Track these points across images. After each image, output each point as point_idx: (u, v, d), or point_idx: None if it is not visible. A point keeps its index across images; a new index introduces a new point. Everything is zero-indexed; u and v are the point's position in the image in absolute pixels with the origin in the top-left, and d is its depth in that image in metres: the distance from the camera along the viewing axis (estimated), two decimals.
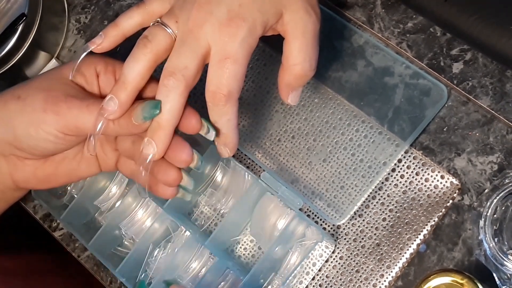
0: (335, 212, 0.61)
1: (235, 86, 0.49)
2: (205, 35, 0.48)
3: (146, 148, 0.49)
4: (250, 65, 0.67)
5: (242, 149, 0.64)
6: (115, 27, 0.52)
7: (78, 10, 0.76)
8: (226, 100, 0.48)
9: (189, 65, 0.48)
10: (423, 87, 0.60)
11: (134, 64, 0.49)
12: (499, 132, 0.58)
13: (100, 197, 0.69)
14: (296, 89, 0.53)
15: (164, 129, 0.49)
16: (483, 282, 0.49)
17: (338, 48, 0.64)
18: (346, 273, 0.60)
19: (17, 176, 0.55)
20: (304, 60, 0.51)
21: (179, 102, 0.49)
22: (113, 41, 0.52)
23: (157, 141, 0.49)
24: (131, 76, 0.49)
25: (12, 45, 0.70)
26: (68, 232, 0.70)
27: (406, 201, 0.59)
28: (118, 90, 0.49)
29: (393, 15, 0.63)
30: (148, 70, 0.49)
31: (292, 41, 0.51)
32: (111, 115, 0.49)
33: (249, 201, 0.62)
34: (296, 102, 0.54)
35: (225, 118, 0.50)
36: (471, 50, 0.60)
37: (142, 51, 0.49)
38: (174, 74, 0.48)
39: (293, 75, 0.52)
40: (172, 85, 0.48)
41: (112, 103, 0.49)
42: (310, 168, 0.63)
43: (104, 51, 0.52)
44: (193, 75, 0.49)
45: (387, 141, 0.61)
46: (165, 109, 0.48)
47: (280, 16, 0.50)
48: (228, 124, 0.50)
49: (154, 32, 0.50)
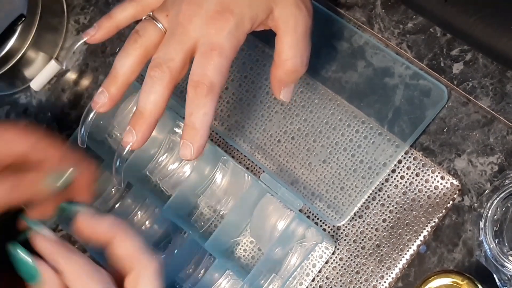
0: (335, 213, 0.61)
1: (218, 79, 0.48)
2: (194, 28, 0.48)
3: (126, 136, 0.50)
4: (250, 66, 0.67)
5: (242, 150, 0.64)
6: (109, 19, 0.53)
7: (77, 11, 0.76)
8: (208, 91, 0.48)
9: (175, 57, 0.49)
10: (423, 88, 0.60)
11: (125, 58, 0.50)
12: (499, 133, 0.58)
13: (99, 198, 0.69)
14: (288, 85, 0.53)
15: (146, 119, 0.49)
16: (484, 283, 0.49)
17: (338, 49, 0.64)
18: (346, 274, 0.60)
19: None
20: (295, 55, 0.51)
21: (164, 94, 0.49)
22: (106, 32, 0.53)
23: (137, 130, 0.49)
24: (122, 70, 0.50)
25: (11, 46, 0.70)
26: (67, 234, 0.70)
27: (406, 202, 0.59)
28: (109, 84, 0.51)
29: (393, 16, 0.62)
30: (138, 64, 0.50)
31: (283, 37, 0.51)
32: (101, 107, 0.51)
33: (249, 202, 0.62)
34: (289, 98, 0.54)
35: (202, 111, 0.48)
36: (471, 51, 0.60)
37: (132, 46, 0.50)
38: (160, 65, 0.48)
39: (285, 70, 0.52)
40: (158, 76, 0.48)
41: (102, 96, 0.51)
42: (310, 169, 0.63)
43: (97, 42, 0.53)
44: (179, 68, 0.49)
45: (387, 142, 0.61)
46: (149, 100, 0.49)
47: (271, 11, 0.50)
48: (204, 118, 0.48)
49: (144, 27, 0.51)
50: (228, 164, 0.65)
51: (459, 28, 0.58)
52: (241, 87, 0.67)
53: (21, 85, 0.75)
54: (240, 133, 0.65)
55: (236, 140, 0.65)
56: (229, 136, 0.65)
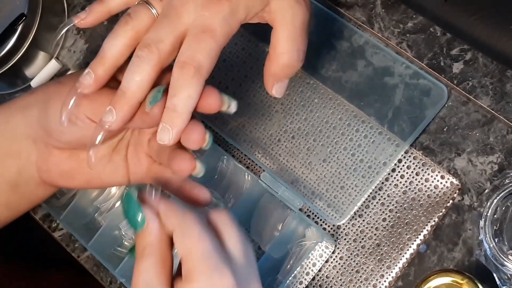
0: (335, 212, 0.61)
1: (207, 62, 0.47)
2: (188, 12, 0.47)
3: (106, 116, 0.48)
4: (250, 65, 0.67)
5: (242, 149, 0.64)
6: (101, 3, 0.51)
7: (78, 10, 0.76)
8: (194, 72, 0.46)
9: (165, 39, 0.47)
10: (423, 87, 0.60)
11: (114, 40, 0.49)
12: (499, 132, 0.58)
13: (100, 197, 0.69)
14: (281, 80, 0.52)
15: (127, 99, 0.47)
16: (483, 282, 0.49)
17: (338, 48, 0.64)
18: (346, 274, 0.60)
19: (42, 166, 0.55)
20: (292, 49, 0.50)
21: (150, 75, 0.47)
22: (97, 17, 0.51)
23: (117, 110, 0.47)
24: (110, 52, 0.49)
25: (12, 45, 0.70)
26: (68, 233, 0.70)
27: (406, 201, 0.59)
28: (96, 65, 0.49)
29: (393, 15, 0.62)
30: (127, 47, 0.49)
31: (280, 29, 0.50)
32: (86, 89, 0.49)
33: (249, 201, 0.62)
34: (281, 94, 0.53)
35: (186, 93, 0.46)
36: (471, 50, 0.60)
37: (122, 28, 0.49)
38: (149, 46, 0.47)
39: (280, 64, 0.51)
40: (145, 57, 0.47)
41: (88, 77, 0.49)
42: (310, 168, 0.63)
43: (88, 27, 0.52)
44: (168, 50, 0.47)
45: (387, 141, 0.61)
46: (134, 80, 0.47)
47: (267, 3, 0.49)
48: (187, 101, 0.46)
49: (137, 10, 0.49)
50: (229, 163, 0.65)
51: (459, 27, 0.58)
52: (241, 86, 0.67)
53: (21, 84, 0.75)
54: (241, 132, 0.65)
55: (236, 139, 0.65)
56: (229, 135, 0.65)
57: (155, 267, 0.46)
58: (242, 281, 0.46)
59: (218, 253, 0.46)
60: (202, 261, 0.45)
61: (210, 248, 0.46)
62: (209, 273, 0.45)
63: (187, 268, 0.46)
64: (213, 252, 0.46)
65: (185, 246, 0.46)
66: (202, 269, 0.45)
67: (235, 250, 0.48)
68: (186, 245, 0.46)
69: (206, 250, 0.46)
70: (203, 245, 0.46)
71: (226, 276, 0.45)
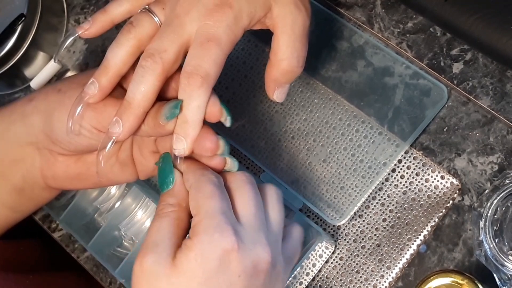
0: (335, 213, 0.61)
1: (214, 70, 0.47)
2: (191, 21, 0.48)
3: (113, 126, 0.48)
4: (250, 65, 0.67)
5: (242, 149, 0.64)
6: (104, 13, 0.51)
7: (77, 11, 0.76)
8: (202, 82, 0.47)
9: (169, 48, 0.47)
10: (423, 87, 0.60)
11: (117, 49, 0.49)
12: (499, 132, 0.58)
13: (99, 197, 0.69)
14: (282, 85, 0.53)
15: (133, 110, 0.48)
16: (484, 282, 0.49)
17: (338, 48, 0.64)
18: (346, 274, 0.60)
19: (47, 172, 0.55)
20: (292, 55, 0.51)
21: (154, 85, 0.48)
22: (100, 26, 0.51)
23: (124, 120, 0.48)
24: (113, 61, 0.49)
25: (11, 45, 0.70)
26: (67, 233, 0.70)
27: (406, 201, 0.59)
28: (100, 75, 0.49)
29: (393, 15, 0.62)
30: (130, 55, 0.49)
31: (281, 36, 0.50)
32: (91, 98, 0.49)
33: None
34: (282, 99, 0.54)
35: (195, 103, 0.47)
36: (471, 50, 0.60)
37: (125, 37, 0.49)
38: (153, 55, 0.47)
39: (280, 70, 0.51)
40: (149, 67, 0.47)
41: (92, 86, 0.49)
42: (310, 169, 0.63)
43: (91, 37, 0.52)
44: (172, 60, 0.48)
45: (387, 141, 0.61)
46: (139, 90, 0.47)
47: (269, 9, 0.50)
48: (197, 111, 0.47)
49: (139, 18, 0.49)
50: None
51: (459, 27, 0.58)
52: (241, 86, 0.67)
53: (21, 85, 0.75)
54: (241, 132, 0.65)
55: (236, 140, 0.65)
56: (229, 136, 0.65)
57: (166, 228, 0.47)
58: (246, 243, 0.47)
59: (223, 213, 0.46)
60: (206, 219, 0.46)
61: (217, 207, 0.46)
62: (211, 231, 0.46)
63: (193, 224, 0.47)
64: (219, 211, 0.46)
65: (196, 203, 0.47)
66: (205, 227, 0.46)
67: (245, 212, 0.48)
68: (196, 202, 0.47)
69: (212, 209, 0.46)
70: (211, 203, 0.47)
71: (227, 236, 0.46)
